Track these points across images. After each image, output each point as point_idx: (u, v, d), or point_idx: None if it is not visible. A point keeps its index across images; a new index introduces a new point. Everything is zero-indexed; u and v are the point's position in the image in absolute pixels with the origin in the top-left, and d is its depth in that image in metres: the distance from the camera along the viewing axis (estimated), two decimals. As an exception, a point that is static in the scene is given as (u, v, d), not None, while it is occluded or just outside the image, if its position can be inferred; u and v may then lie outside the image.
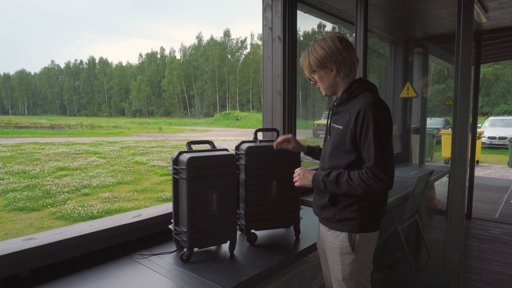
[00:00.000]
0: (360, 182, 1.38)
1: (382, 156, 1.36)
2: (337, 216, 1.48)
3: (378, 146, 1.36)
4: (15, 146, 15.89)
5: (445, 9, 3.61)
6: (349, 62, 1.49)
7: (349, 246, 1.45)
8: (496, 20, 4.20)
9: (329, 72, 1.50)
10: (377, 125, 1.36)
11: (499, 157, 12.66)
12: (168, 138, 22.01)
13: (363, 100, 1.42)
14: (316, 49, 1.50)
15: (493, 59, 8.17)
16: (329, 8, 3.33)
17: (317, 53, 1.49)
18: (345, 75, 1.50)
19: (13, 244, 1.41)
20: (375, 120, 1.36)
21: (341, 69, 1.49)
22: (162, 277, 1.42)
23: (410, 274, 3.20)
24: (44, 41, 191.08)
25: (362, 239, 1.46)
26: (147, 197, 7.61)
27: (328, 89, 1.55)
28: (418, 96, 4.80)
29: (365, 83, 1.50)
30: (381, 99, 1.45)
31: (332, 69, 1.49)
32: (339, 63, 1.48)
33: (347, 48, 1.48)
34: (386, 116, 1.40)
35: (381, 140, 1.37)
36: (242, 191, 1.80)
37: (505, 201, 5.95)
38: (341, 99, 1.51)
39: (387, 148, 1.39)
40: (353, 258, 1.46)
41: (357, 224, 1.45)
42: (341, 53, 1.47)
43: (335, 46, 1.46)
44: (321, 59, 1.48)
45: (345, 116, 1.46)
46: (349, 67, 1.49)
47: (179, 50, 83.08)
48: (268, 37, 2.60)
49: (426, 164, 5.23)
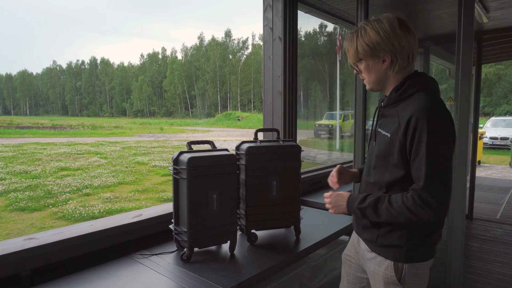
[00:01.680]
0: (403, 209, 1.13)
1: (435, 177, 1.10)
2: (380, 240, 1.25)
3: (431, 164, 1.09)
4: (17, 146, 15.94)
5: (446, 9, 3.61)
6: (408, 52, 1.20)
7: (395, 277, 1.21)
8: (498, 20, 4.19)
9: (380, 63, 1.22)
10: (433, 137, 1.09)
11: (500, 158, 12.63)
12: (170, 139, 22.05)
13: (416, 104, 1.15)
14: (368, 33, 1.21)
15: (494, 59, 8.16)
16: (330, 8, 3.33)
17: (369, 37, 1.20)
18: (400, 69, 1.22)
19: (14, 243, 1.42)
20: (430, 130, 1.09)
21: (396, 61, 1.20)
22: (163, 277, 1.42)
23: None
24: (45, 41, 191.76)
25: (411, 270, 1.21)
26: (148, 197, 7.62)
27: (375, 83, 1.28)
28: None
29: (421, 80, 1.21)
30: (440, 103, 1.17)
31: (385, 59, 1.21)
32: (395, 53, 1.19)
33: (407, 34, 1.19)
34: (445, 125, 1.12)
35: (436, 156, 1.10)
36: (242, 191, 1.80)
37: (507, 201, 5.93)
38: (390, 99, 1.24)
39: (443, 166, 1.11)
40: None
41: (405, 253, 1.20)
42: (400, 41, 1.18)
43: (393, 32, 1.18)
44: (373, 46, 1.20)
45: (394, 122, 1.19)
46: (406, 59, 1.21)
47: (181, 51, 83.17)
48: (269, 37, 2.60)
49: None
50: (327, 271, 2.16)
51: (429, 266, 1.25)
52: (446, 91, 10.77)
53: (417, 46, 1.24)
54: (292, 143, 1.91)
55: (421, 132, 1.10)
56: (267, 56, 2.62)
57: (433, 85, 1.22)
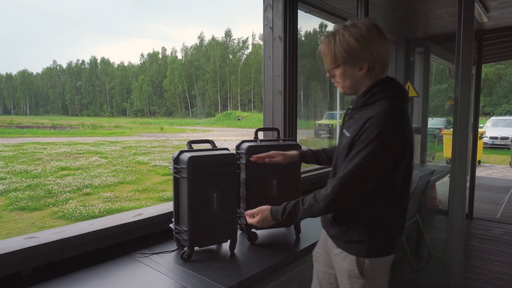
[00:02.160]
0: (311, 198, 1.23)
1: (354, 179, 1.16)
2: (343, 237, 1.31)
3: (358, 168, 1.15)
4: (17, 145, 15.95)
5: (446, 9, 3.61)
6: (385, 60, 1.22)
7: (357, 270, 1.27)
8: (498, 20, 4.19)
9: (357, 70, 1.22)
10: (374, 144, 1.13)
11: (501, 157, 12.63)
12: (170, 138, 22.05)
13: (376, 110, 1.17)
14: (346, 39, 1.18)
15: (495, 59, 8.16)
16: (330, 8, 3.34)
17: (348, 44, 1.18)
18: (376, 75, 1.23)
19: (15, 242, 1.42)
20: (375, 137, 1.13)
21: (373, 69, 1.21)
22: (163, 275, 1.42)
23: (411, 274, 3.20)
24: (45, 41, 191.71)
25: (372, 264, 1.26)
26: (148, 197, 7.62)
27: (350, 89, 1.29)
28: (419, 97, 4.80)
29: (388, 88, 1.22)
30: (397, 113, 1.18)
31: (363, 67, 1.21)
32: (373, 62, 1.20)
33: (384, 42, 1.19)
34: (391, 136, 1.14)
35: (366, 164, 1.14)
36: (243, 190, 1.80)
37: (507, 201, 5.93)
38: (357, 103, 1.27)
39: (365, 175, 1.17)
40: (362, 283, 1.27)
41: (366, 248, 1.25)
42: (378, 50, 1.18)
43: (372, 39, 1.17)
44: (352, 54, 1.19)
45: (358, 124, 1.21)
46: (382, 66, 1.22)
47: (181, 50, 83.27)
48: (269, 37, 2.60)
49: (427, 164, 5.23)
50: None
51: (389, 261, 1.31)
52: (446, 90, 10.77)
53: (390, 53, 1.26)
54: (292, 142, 1.91)
55: (367, 136, 1.14)
56: (267, 56, 2.62)
57: (399, 93, 1.24)
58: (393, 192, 1.25)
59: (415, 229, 3.67)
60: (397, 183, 1.24)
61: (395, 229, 1.30)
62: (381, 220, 1.26)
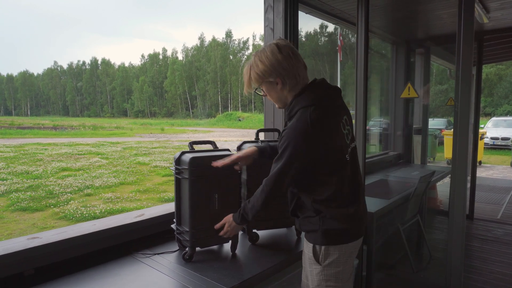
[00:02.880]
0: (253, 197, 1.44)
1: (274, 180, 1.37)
2: (302, 227, 1.45)
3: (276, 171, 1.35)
4: (18, 146, 15.97)
5: (446, 10, 3.62)
6: (294, 73, 1.38)
7: (313, 257, 1.40)
8: (498, 21, 4.19)
9: (275, 85, 1.40)
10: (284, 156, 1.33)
11: (501, 158, 12.62)
12: (170, 139, 22.06)
13: (292, 123, 1.35)
14: (256, 63, 1.39)
15: (495, 60, 8.16)
16: (331, 9, 3.35)
17: (258, 67, 1.39)
18: (292, 87, 1.39)
19: (18, 243, 1.43)
20: (284, 149, 1.32)
21: (286, 82, 1.38)
22: (165, 276, 1.43)
23: (411, 274, 3.20)
24: (46, 42, 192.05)
25: (325, 251, 1.37)
26: (149, 198, 7.63)
27: (278, 102, 1.46)
28: (419, 98, 4.80)
29: (304, 99, 1.36)
30: (309, 121, 1.30)
31: (277, 82, 1.39)
32: (282, 76, 1.37)
33: (289, 58, 1.37)
34: (296, 148, 1.31)
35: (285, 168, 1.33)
36: (244, 190, 1.81)
37: (508, 201, 5.93)
38: (286, 117, 1.44)
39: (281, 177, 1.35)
40: (320, 270, 1.39)
41: (320, 237, 1.37)
42: (282, 65, 1.36)
43: (275, 59, 1.36)
44: (262, 74, 1.38)
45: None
46: (294, 78, 1.38)
47: (181, 51, 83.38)
48: (270, 38, 2.61)
49: (428, 165, 5.23)
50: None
51: (342, 251, 1.38)
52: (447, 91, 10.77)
53: (301, 65, 1.41)
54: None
55: (280, 148, 1.35)
56: (268, 57, 2.63)
57: (313, 102, 1.34)
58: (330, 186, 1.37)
59: (415, 230, 3.68)
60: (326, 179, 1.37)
61: (345, 220, 1.38)
62: (326, 212, 1.37)
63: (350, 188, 1.41)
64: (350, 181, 1.42)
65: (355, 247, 1.44)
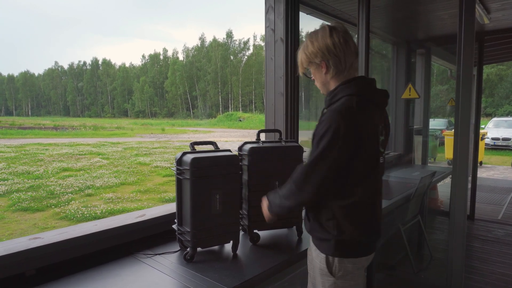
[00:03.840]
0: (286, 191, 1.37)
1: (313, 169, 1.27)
2: (315, 233, 1.37)
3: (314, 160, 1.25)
4: (19, 146, 15.99)
5: (447, 11, 3.62)
6: (340, 58, 1.31)
7: (326, 268, 1.31)
8: (499, 21, 4.19)
9: (320, 69, 1.35)
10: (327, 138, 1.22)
11: (502, 158, 12.61)
12: (171, 139, 22.07)
13: (336, 106, 1.27)
14: (307, 44, 1.36)
15: (496, 60, 8.16)
16: (331, 10, 3.35)
17: (307, 48, 1.35)
18: (337, 73, 1.33)
19: (19, 243, 1.43)
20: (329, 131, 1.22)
21: (330, 67, 1.32)
22: (166, 276, 1.43)
23: (412, 275, 3.20)
24: (46, 42, 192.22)
25: (340, 264, 1.30)
26: (150, 198, 7.64)
27: (321, 87, 1.41)
28: (421, 98, 4.80)
29: (351, 86, 1.30)
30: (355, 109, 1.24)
31: (322, 65, 1.33)
32: (327, 60, 1.31)
33: (338, 43, 1.29)
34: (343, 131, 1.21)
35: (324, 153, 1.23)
36: (245, 191, 1.81)
37: (509, 202, 5.93)
38: (325, 103, 1.37)
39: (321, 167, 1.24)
40: (332, 281, 1.31)
41: (333, 247, 1.29)
42: (329, 49, 1.30)
43: (324, 41, 1.30)
44: (309, 55, 1.35)
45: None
46: (339, 65, 1.31)
47: (182, 51, 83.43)
48: (271, 39, 2.61)
49: (429, 165, 5.23)
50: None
51: (358, 264, 1.32)
52: (448, 91, 10.76)
53: (351, 51, 1.33)
54: (294, 143, 1.92)
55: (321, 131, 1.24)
56: (269, 58, 2.64)
57: (361, 91, 1.30)
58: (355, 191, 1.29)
59: (416, 230, 3.68)
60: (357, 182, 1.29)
61: (363, 231, 1.32)
62: (346, 220, 1.29)
63: (374, 199, 1.35)
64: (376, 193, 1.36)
65: (368, 261, 1.37)
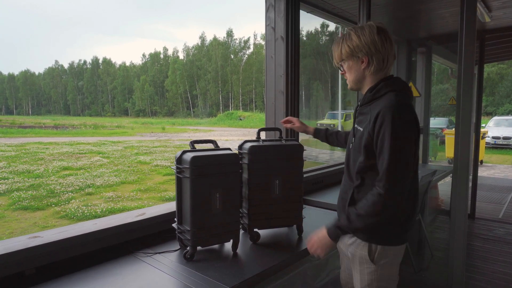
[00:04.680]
0: (370, 209, 1.28)
1: (394, 170, 1.25)
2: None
3: (391, 159, 1.24)
4: (20, 145, 15.99)
5: (448, 9, 3.61)
6: (383, 56, 1.37)
7: (368, 256, 1.37)
8: (500, 20, 4.18)
9: (359, 64, 1.40)
10: (394, 134, 1.23)
11: (503, 157, 12.60)
12: (171, 138, 22.07)
13: (385, 102, 1.30)
14: (351, 37, 1.39)
15: (497, 59, 8.14)
16: (332, 8, 3.34)
17: (351, 41, 1.38)
18: (376, 70, 1.39)
19: (19, 242, 1.43)
20: (392, 127, 1.24)
21: (372, 62, 1.38)
22: (166, 275, 1.43)
23: (412, 274, 3.20)
24: (47, 41, 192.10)
25: (382, 251, 1.36)
26: (150, 197, 7.64)
27: (355, 82, 1.45)
28: (422, 96, 4.79)
29: (392, 83, 1.37)
30: (406, 102, 1.31)
31: (363, 60, 1.38)
32: (371, 55, 1.37)
33: (384, 40, 1.36)
34: (407, 124, 1.27)
35: (395, 152, 1.24)
36: (245, 190, 1.80)
37: (509, 201, 5.92)
38: (365, 99, 1.41)
39: (401, 161, 1.26)
40: (373, 269, 1.37)
41: (378, 236, 1.36)
42: (376, 45, 1.36)
43: (371, 38, 1.35)
44: (353, 48, 1.38)
45: (367, 118, 1.36)
46: (381, 62, 1.38)
47: (182, 50, 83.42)
48: (271, 37, 2.60)
49: (429, 164, 5.22)
50: (330, 269, 2.17)
51: (398, 251, 1.41)
52: (449, 90, 10.75)
53: (393, 53, 1.41)
54: (294, 142, 1.91)
55: (385, 128, 1.25)
56: (269, 56, 2.63)
57: (404, 88, 1.38)
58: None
59: (417, 229, 3.67)
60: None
61: (407, 219, 1.38)
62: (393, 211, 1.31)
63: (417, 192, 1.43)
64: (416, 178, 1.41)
65: (403, 250, 1.43)
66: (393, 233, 1.37)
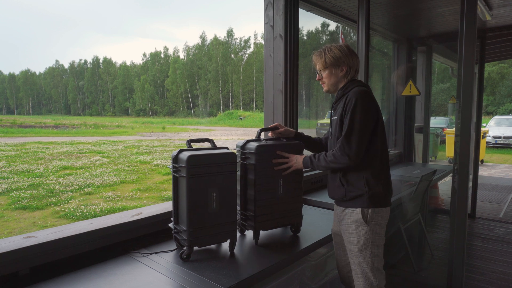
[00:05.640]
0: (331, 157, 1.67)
1: (351, 135, 1.61)
2: (348, 194, 1.69)
3: (351, 126, 1.61)
4: (20, 145, 15.99)
5: (449, 7, 3.58)
6: (356, 67, 1.79)
7: (362, 219, 1.66)
8: (501, 18, 4.16)
9: (339, 72, 1.76)
10: (356, 110, 1.62)
11: (504, 157, 12.57)
12: (172, 138, 22.06)
13: (352, 92, 1.69)
14: (333, 50, 1.76)
15: (497, 58, 8.11)
16: (331, 6, 3.32)
17: (334, 53, 1.75)
18: (350, 76, 1.78)
19: (13, 242, 1.41)
20: (355, 105, 1.62)
21: (349, 71, 1.77)
22: (162, 275, 1.41)
23: (412, 274, 3.18)
24: (48, 41, 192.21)
25: (374, 213, 1.66)
26: (150, 196, 7.62)
27: (333, 85, 1.80)
28: (422, 96, 4.77)
29: (357, 81, 1.77)
30: (368, 91, 1.70)
31: (343, 69, 1.76)
32: (350, 66, 1.76)
33: (356, 57, 1.79)
34: (367, 103, 1.65)
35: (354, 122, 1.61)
36: (251, 192, 1.77)
37: (510, 200, 5.90)
38: (337, 96, 1.79)
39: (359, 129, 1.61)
40: (367, 229, 1.66)
41: (367, 201, 1.66)
42: (352, 59, 1.77)
43: (349, 52, 1.76)
44: (337, 59, 1.75)
45: (340, 107, 1.72)
46: (354, 71, 1.79)
47: (183, 50, 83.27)
48: (270, 35, 2.58)
49: (429, 163, 5.20)
50: (328, 270, 2.15)
51: (385, 213, 1.72)
52: (449, 89, 10.72)
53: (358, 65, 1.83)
54: (295, 141, 1.91)
55: (349, 107, 1.65)
56: (268, 55, 2.61)
57: (366, 85, 1.78)
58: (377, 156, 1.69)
59: (417, 229, 3.65)
60: (378, 149, 1.69)
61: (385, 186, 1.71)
62: (372, 179, 1.68)
63: (388, 166, 1.76)
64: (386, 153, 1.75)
65: (388, 213, 1.74)
66: (378, 197, 1.68)
